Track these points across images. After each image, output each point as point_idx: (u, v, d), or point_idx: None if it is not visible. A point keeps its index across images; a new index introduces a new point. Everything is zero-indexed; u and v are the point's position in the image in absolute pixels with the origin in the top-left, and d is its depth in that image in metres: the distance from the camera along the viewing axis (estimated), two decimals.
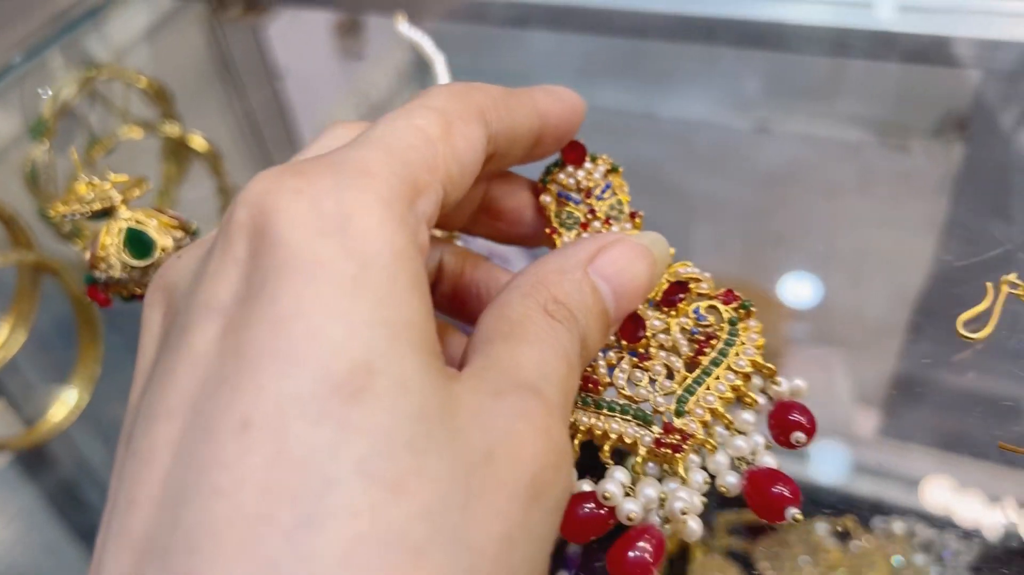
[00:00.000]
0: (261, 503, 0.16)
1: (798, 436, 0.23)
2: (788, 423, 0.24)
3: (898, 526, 0.54)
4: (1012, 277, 0.28)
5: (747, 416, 0.24)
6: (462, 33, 0.95)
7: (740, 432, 0.24)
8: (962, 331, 0.28)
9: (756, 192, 0.81)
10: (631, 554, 0.21)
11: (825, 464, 0.57)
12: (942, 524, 0.52)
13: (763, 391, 0.25)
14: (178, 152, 0.71)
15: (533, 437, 0.19)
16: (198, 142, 0.71)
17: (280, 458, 0.17)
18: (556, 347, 0.22)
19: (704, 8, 0.52)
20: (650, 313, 0.26)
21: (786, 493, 0.22)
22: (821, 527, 0.54)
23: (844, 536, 0.54)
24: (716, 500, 0.23)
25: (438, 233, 0.34)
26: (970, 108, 0.42)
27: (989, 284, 0.29)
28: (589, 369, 0.25)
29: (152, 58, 0.81)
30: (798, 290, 0.88)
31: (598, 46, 0.85)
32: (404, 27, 0.55)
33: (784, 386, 0.25)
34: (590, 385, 0.25)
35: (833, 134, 0.72)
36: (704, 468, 0.23)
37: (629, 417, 0.24)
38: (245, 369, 0.18)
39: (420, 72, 1.00)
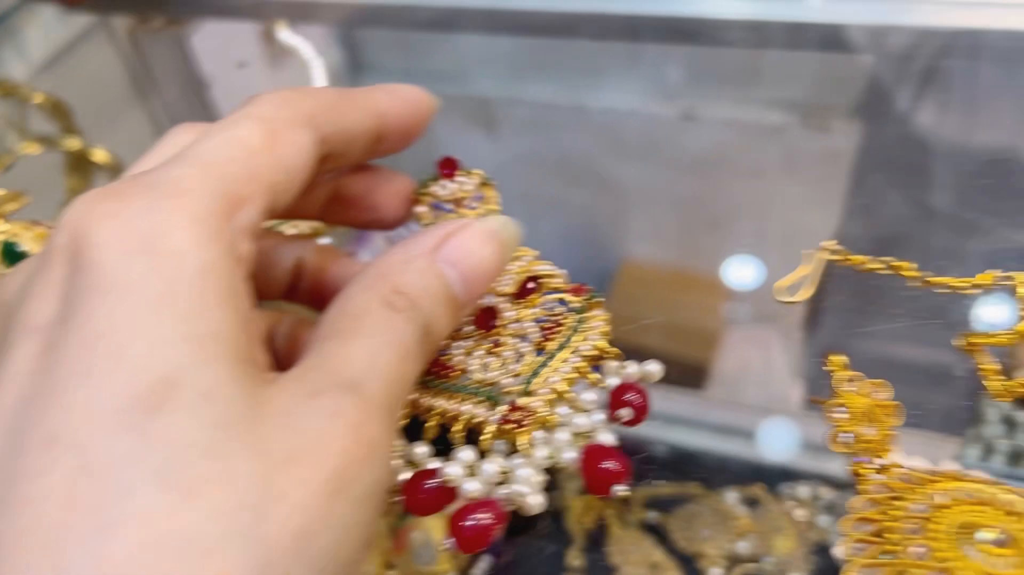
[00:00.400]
0: (63, 512, 0.18)
1: (621, 412, 0.25)
2: (619, 402, 0.25)
3: (803, 490, 0.57)
4: (831, 244, 0.30)
5: (590, 395, 0.25)
6: (393, 37, 0.95)
7: (583, 410, 0.25)
8: (778, 297, 0.30)
9: (687, 178, 0.83)
10: (467, 522, 0.23)
11: (760, 438, 0.60)
12: (844, 485, 0.54)
13: (617, 374, 0.26)
14: (81, 166, 0.70)
15: (342, 434, 0.20)
16: (100, 155, 0.70)
17: (83, 470, 0.18)
18: (390, 339, 0.23)
19: (627, 6, 0.54)
20: (504, 305, 0.28)
21: (613, 468, 0.23)
22: (731, 496, 0.57)
23: (753, 503, 0.57)
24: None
25: (294, 230, 0.35)
26: (869, 91, 0.44)
27: (805, 252, 0.31)
28: (445, 356, 0.26)
29: (73, 72, 0.79)
30: (735, 272, 0.90)
31: (526, 45, 0.86)
32: (284, 34, 0.55)
33: (633, 369, 0.26)
34: (445, 370, 0.26)
35: (757, 118, 0.74)
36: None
37: (480, 399, 0.26)
38: (56, 387, 0.19)
39: (353, 72, 1.00)
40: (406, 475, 0.24)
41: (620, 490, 0.23)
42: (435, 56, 0.94)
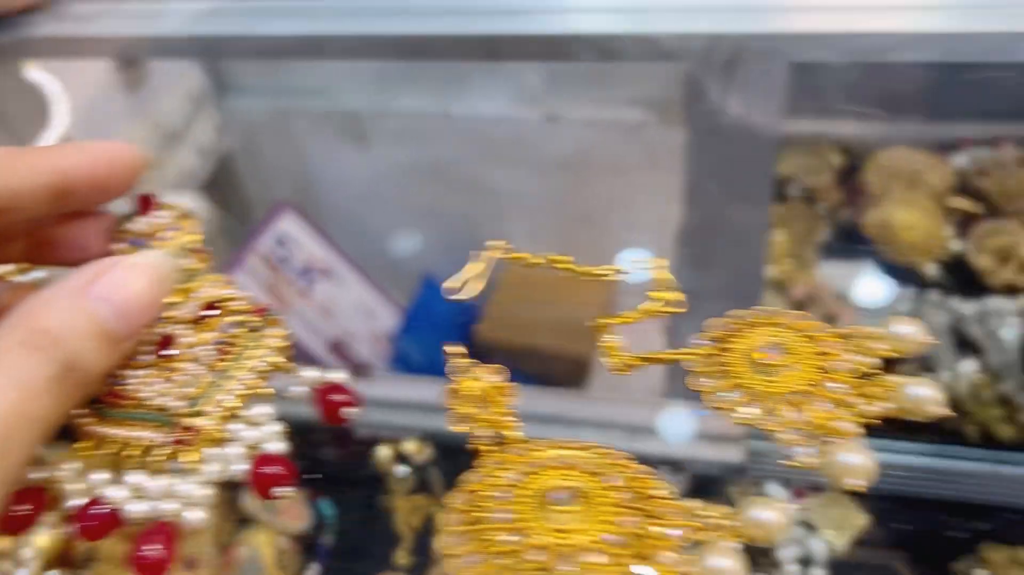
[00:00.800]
0: None
1: (348, 411, 0.27)
2: (328, 403, 0.27)
3: None
4: (502, 243, 0.33)
5: (264, 409, 0.27)
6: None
7: (256, 424, 0.27)
8: (448, 295, 0.32)
9: (556, 177, 0.86)
10: (142, 552, 0.24)
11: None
12: (656, 462, 0.59)
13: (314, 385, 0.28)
14: None
15: None
16: None
17: None
18: (17, 377, 0.24)
19: (485, 26, 0.56)
20: (181, 330, 0.29)
21: (275, 473, 0.25)
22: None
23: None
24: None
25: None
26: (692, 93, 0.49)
27: (473, 252, 0.34)
28: (120, 387, 0.28)
29: None
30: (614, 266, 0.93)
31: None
32: (32, 72, 0.54)
33: (313, 375, 0.28)
34: (121, 399, 0.27)
35: (616, 117, 0.78)
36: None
37: (154, 423, 0.27)
38: None
39: (219, 92, 0.98)
40: (77, 503, 0.25)
41: (282, 493, 0.25)
42: (302, 73, 0.93)
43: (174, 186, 0.88)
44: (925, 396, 0.25)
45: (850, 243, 0.76)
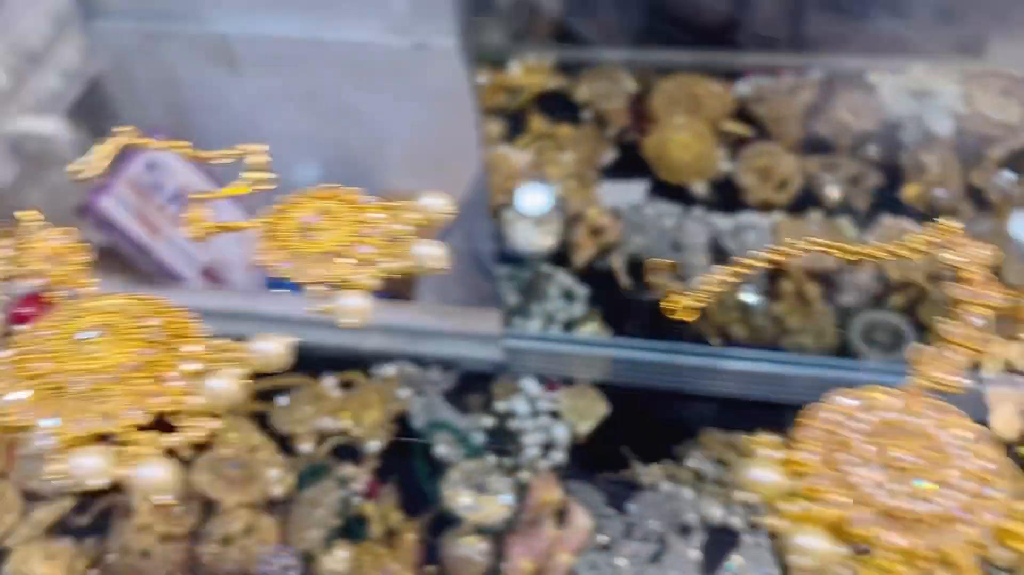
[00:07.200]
0: None
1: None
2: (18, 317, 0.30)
3: (389, 370, 0.67)
4: (131, 128, 0.40)
5: None
6: None
7: None
8: (73, 176, 0.37)
9: (427, 108, 0.87)
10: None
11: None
12: (426, 363, 0.67)
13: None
14: None
15: None
16: None
17: None
18: None
19: None
20: None
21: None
22: (328, 381, 0.66)
23: (349, 386, 0.67)
24: None
25: None
26: None
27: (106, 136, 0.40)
28: None
29: None
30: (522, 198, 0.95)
31: None
32: None
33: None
34: None
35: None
36: None
37: None
38: None
39: (86, 16, 0.95)
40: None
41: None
42: None
43: (36, 110, 0.85)
44: (429, 253, 0.32)
45: (630, 165, 0.81)
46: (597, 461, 0.61)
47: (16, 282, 0.30)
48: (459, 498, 0.59)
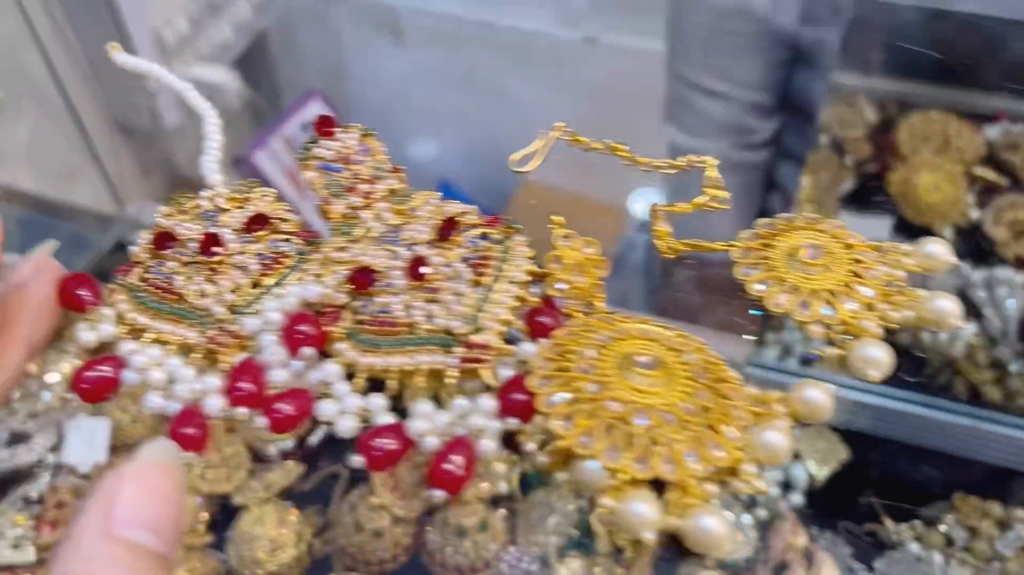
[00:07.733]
0: None
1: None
2: (536, 325, 0.27)
3: None
4: (562, 125, 0.34)
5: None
6: None
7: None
8: (512, 167, 0.33)
9: (587, 102, 0.85)
10: (445, 466, 0.23)
11: None
12: None
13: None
14: None
15: None
16: None
17: None
18: None
19: None
20: (429, 251, 0.27)
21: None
22: None
23: None
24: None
25: None
26: None
27: (541, 131, 0.35)
28: (386, 314, 0.26)
29: None
30: (637, 202, 0.93)
31: None
32: (122, 57, 0.30)
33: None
34: (391, 328, 0.26)
35: (654, 47, 0.77)
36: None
37: (432, 346, 0.26)
38: None
39: None
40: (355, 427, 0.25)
41: None
42: None
43: (207, 58, 0.88)
44: (947, 309, 0.26)
45: (871, 197, 0.76)
46: (839, 509, 0.59)
47: (538, 284, 0.28)
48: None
